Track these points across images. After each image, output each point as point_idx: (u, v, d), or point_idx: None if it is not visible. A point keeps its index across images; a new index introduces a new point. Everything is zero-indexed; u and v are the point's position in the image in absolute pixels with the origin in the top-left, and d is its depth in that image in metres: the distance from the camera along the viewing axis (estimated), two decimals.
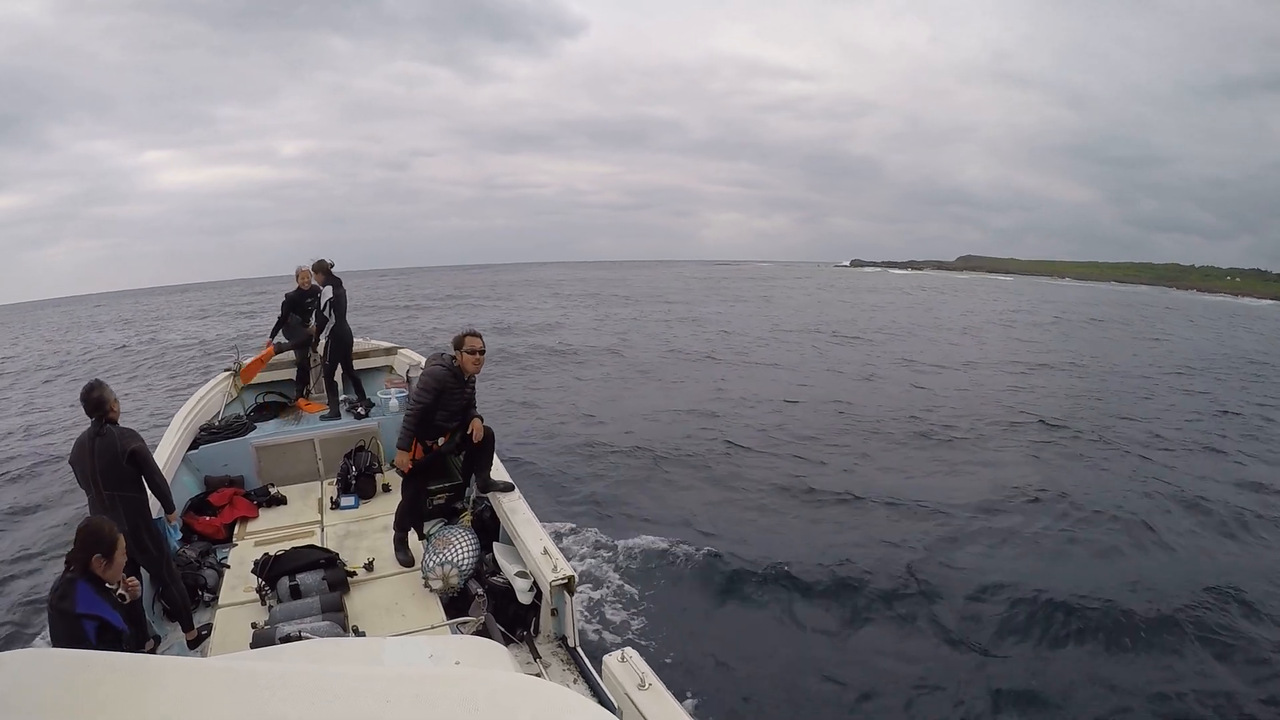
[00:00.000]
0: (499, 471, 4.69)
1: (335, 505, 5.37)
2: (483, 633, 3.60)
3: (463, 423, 4.47)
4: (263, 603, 3.95)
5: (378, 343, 8.39)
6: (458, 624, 3.72)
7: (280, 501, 5.50)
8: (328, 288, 6.60)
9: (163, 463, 4.72)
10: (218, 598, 4.14)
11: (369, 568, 4.32)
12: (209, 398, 6.48)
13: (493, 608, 3.88)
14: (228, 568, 4.44)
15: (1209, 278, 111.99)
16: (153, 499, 3.80)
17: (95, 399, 3.65)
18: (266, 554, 4.22)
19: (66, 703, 1.37)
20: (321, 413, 6.59)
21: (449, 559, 4.01)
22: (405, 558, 4.41)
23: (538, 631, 3.81)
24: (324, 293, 6.67)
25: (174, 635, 3.86)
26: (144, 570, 3.71)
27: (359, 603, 3.99)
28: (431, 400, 4.19)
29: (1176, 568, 6.43)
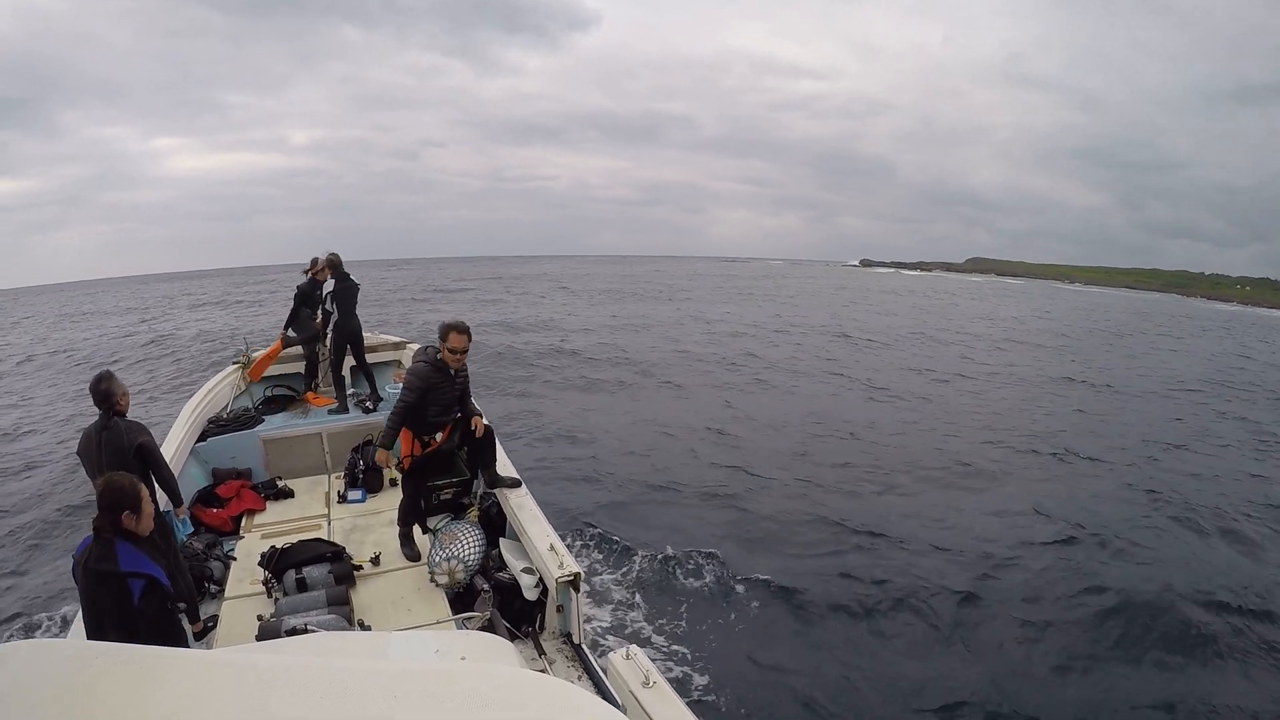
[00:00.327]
0: (505, 468, 4.69)
1: (342, 499, 5.39)
2: (488, 628, 3.59)
3: (462, 418, 4.43)
4: (269, 595, 3.96)
5: (386, 337, 8.41)
6: (463, 619, 3.71)
7: (287, 495, 5.51)
8: (330, 281, 6.63)
9: (171, 454, 4.74)
10: (224, 590, 4.15)
11: (375, 562, 4.32)
12: (217, 390, 6.51)
13: (498, 603, 3.88)
14: (234, 560, 4.44)
15: (1219, 285, 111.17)
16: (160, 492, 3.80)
17: (103, 390, 3.61)
18: (273, 547, 4.24)
19: (71, 695, 1.37)
20: (329, 407, 6.61)
21: (455, 554, 4.02)
22: (411, 552, 4.41)
23: (543, 628, 3.81)
24: (327, 286, 6.71)
25: None
26: None
27: (365, 597, 4.00)
28: (415, 399, 4.11)
29: None
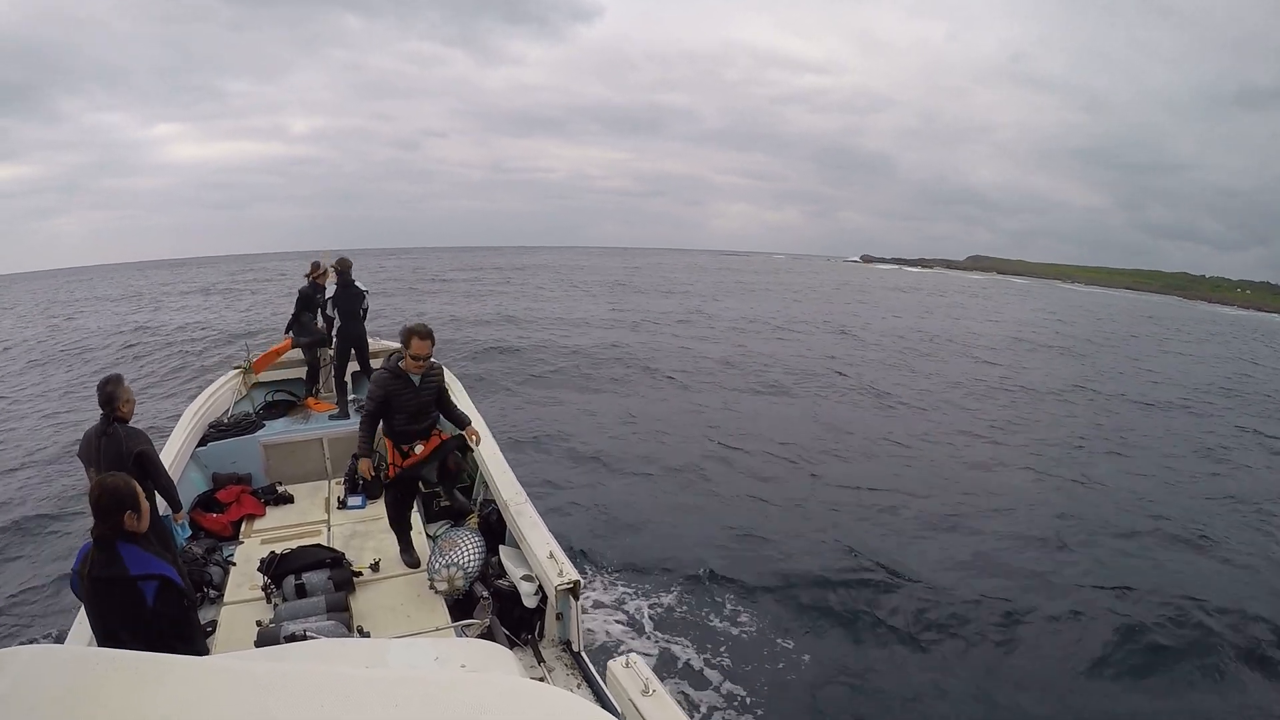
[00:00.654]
0: (504, 473, 4.65)
1: (342, 505, 5.38)
2: (487, 635, 3.60)
3: (440, 448, 4.32)
4: (268, 601, 3.97)
5: (387, 343, 8.40)
6: (462, 626, 3.72)
7: (287, 500, 5.51)
8: (333, 286, 6.65)
9: (171, 458, 4.76)
10: (223, 595, 4.15)
11: (375, 568, 4.32)
12: (218, 394, 6.51)
13: (498, 610, 3.88)
14: (234, 565, 4.45)
15: (1219, 288, 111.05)
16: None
17: (107, 393, 3.63)
18: (273, 552, 4.24)
19: (70, 701, 1.38)
20: (330, 412, 6.62)
21: (455, 561, 4.01)
22: (411, 559, 4.40)
23: (542, 635, 3.80)
24: (328, 290, 6.73)
25: None
26: None
27: (364, 603, 4.00)
28: (375, 407, 4.03)
29: None
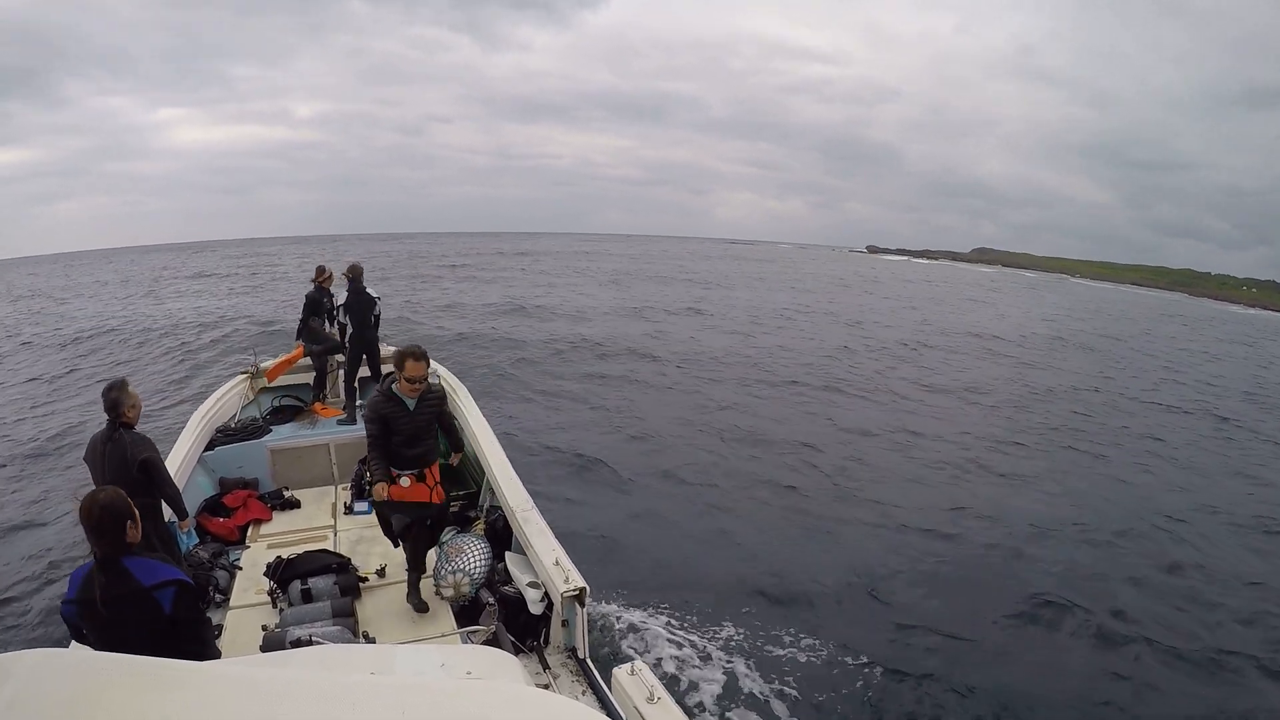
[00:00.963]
0: (510, 481, 4.59)
1: (349, 510, 5.39)
2: (493, 642, 3.61)
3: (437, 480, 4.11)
4: (274, 605, 3.99)
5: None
6: (468, 633, 3.72)
7: (294, 505, 5.53)
8: (342, 291, 6.63)
9: (178, 463, 4.77)
10: (229, 599, 4.17)
11: (381, 574, 4.33)
12: (226, 399, 6.52)
13: (503, 617, 3.89)
14: (240, 569, 4.47)
15: (1225, 286, 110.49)
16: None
17: (112, 399, 3.60)
18: (279, 557, 4.26)
19: (75, 706, 1.39)
20: (338, 418, 6.62)
21: (461, 567, 4.02)
22: (418, 603, 4.23)
23: (548, 642, 3.81)
24: (337, 296, 6.71)
25: None
26: None
27: (370, 608, 4.02)
28: (378, 430, 3.86)
29: None
